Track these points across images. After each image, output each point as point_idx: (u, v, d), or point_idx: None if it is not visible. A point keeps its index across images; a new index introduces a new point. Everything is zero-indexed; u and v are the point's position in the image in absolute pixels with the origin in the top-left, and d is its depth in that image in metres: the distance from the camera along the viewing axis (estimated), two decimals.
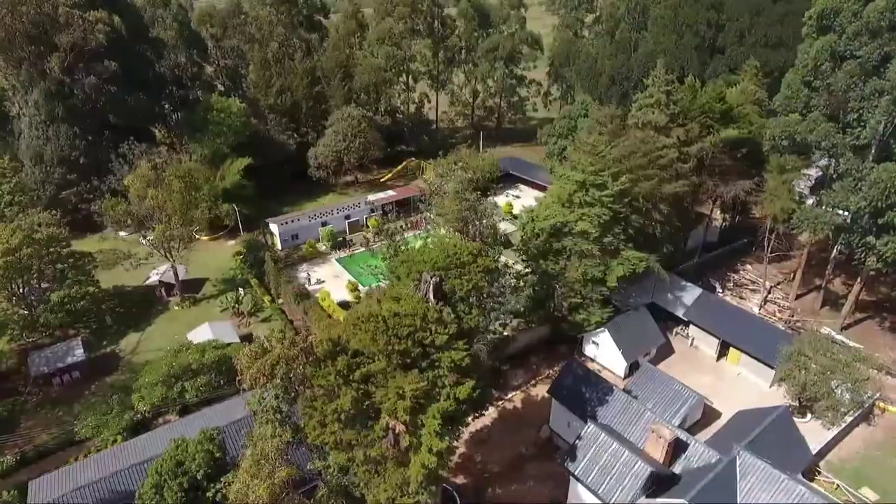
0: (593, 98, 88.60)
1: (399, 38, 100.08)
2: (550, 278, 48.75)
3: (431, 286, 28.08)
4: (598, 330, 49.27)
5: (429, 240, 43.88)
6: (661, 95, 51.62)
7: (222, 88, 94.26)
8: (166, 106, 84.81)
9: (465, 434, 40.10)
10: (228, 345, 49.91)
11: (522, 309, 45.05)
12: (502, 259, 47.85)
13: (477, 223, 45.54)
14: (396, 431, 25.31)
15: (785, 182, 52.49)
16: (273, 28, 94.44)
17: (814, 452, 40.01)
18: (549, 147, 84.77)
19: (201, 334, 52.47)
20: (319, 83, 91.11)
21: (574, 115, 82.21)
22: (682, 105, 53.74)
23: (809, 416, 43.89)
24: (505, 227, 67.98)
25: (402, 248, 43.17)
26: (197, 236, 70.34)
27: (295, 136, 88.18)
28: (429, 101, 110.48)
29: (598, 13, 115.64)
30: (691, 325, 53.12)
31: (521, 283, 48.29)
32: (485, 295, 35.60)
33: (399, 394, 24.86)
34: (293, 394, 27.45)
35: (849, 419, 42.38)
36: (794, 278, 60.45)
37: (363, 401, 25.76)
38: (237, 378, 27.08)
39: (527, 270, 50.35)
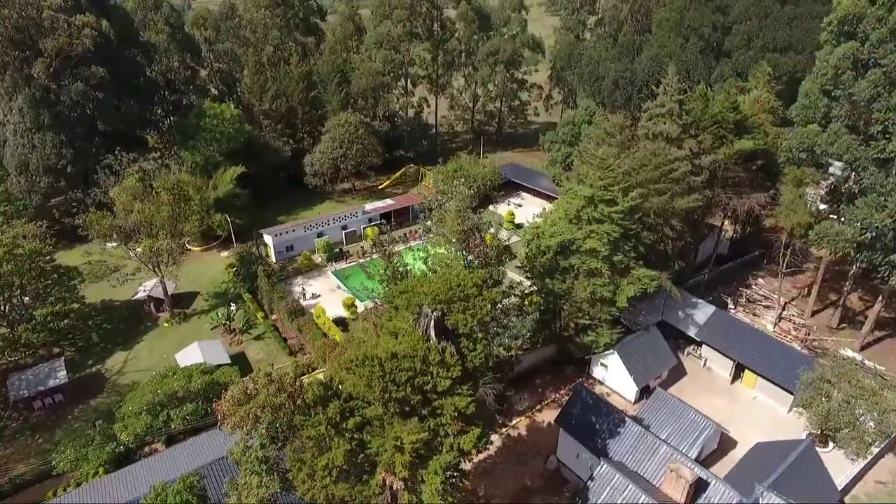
0: (596, 102, 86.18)
1: (397, 41, 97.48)
2: (556, 298, 46.34)
3: (432, 322, 25.57)
4: (607, 352, 46.86)
5: (429, 260, 41.42)
6: (673, 105, 49.05)
7: (216, 93, 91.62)
8: (158, 111, 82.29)
9: (467, 465, 37.62)
10: (218, 367, 47.59)
11: (528, 334, 42.55)
12: (507, 278, 45.38)
13: (479, 241, 42.94)
14: (394, 488, 22.83)
15: (801, 196, 50.20)
16: (268, 31, 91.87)
17: (838, 487, 37.60)
18: (553, 154, 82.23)
19: (190, 354, 50.02)
20: (316, 88, 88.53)
21: (578, 121, 79.70)
22: (694, 115, 51.25)
23: (832, 445, 41.52)
24: (507, 235, 65.64)
25: (401, 268, 40.63)
26: (188, 247, 67.88)
27: (290, 142, 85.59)
28: (428, 106, 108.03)
29: (599, 15, 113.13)
30: (704, 346, 50.66)
31: (527, 303, 45.85)
32: (489, 319, 33.20)
33: (397, 446, 22.42)
34: (280, 443, 24.93)
35: (875, 450, 39.93)
36: (809, 294, 57.98)
37: (357, 453, 23.29)
38: (218, 424, 24.62)
39: (532, 289, 47.85)
